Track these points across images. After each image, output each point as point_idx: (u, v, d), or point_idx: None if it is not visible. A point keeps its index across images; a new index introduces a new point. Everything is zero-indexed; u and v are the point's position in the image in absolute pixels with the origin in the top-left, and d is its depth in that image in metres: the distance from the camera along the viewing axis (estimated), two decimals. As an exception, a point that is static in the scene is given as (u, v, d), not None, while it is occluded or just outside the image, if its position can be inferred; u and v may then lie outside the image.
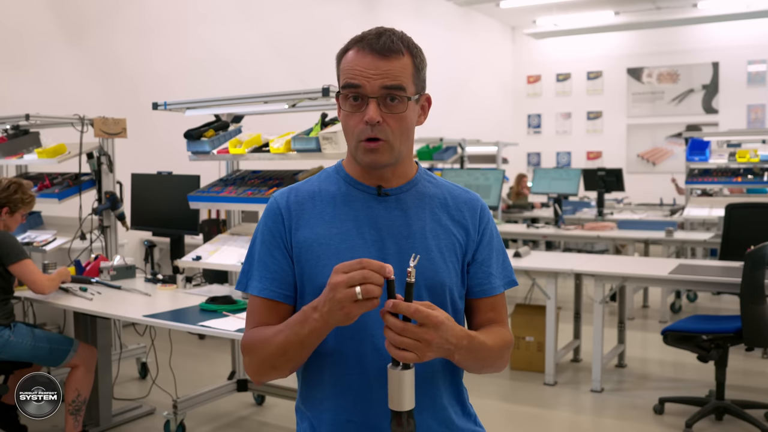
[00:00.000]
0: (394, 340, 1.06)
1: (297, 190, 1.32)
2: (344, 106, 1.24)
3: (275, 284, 1.26)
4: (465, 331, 1.15)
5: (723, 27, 11.59)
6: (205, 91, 5.89)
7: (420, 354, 1.06)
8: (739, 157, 6.28)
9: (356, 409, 1.24)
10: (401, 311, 1.05)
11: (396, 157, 1.25)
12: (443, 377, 1.29)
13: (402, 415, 1.09)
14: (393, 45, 1.20)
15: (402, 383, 1.08)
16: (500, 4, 11.26)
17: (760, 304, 3.38)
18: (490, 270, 1.32)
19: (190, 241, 4.85)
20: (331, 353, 1.25)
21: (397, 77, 1.20)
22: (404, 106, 1.22)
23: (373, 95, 1.19)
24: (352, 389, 1.24)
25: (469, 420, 1.35)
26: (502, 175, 5.94)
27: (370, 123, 1.19)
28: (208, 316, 2.86)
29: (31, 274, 3.14)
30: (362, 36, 1.23)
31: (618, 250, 6.70)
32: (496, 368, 1.30)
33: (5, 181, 3.34)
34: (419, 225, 1.28)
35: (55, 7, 5.79)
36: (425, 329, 1.06)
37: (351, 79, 1.20)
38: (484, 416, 1.39)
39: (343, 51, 1.25)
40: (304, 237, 1.26)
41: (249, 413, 3.88)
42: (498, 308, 1.33)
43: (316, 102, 3.26)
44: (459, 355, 1.14)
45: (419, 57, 1.25)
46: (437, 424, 1.27)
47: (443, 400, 1.29)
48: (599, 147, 12.78)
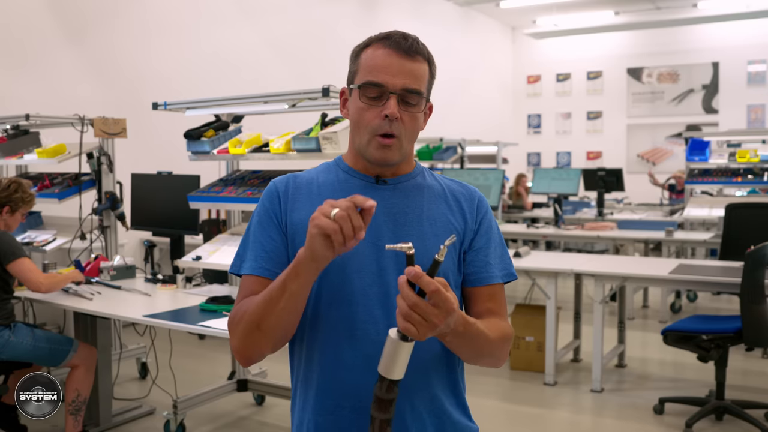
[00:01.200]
0: (402, 311, 1.03)
1: (296, 177, 1.34)
2: (360, 100, 1.25)
3: (270, 263, 1.25)
4: (464, 317, 1.13)
5: (723, 27, 11.59)
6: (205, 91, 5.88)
7: (421, 332, 1.04)
8: (739, 157, 6.28)
9: (344, 395, 1.23)
10: (422, 284, 1.02)
11: (402, 156, 1.28)
12: (438, 367, 1.28)
13: (387, 382, 1.08)
14: (418, 48, 1.25)
15: (398, 353, 1.06)
16: (500, 4, 11.25)
17: (760, 304, 3.38)
18: (488, 259, 1.31)
19: (190, 241, 4.85)
20: (321, 337, 1.24)
21: (418, 80, 1.24)
22: (420, 107, 1.26)
23: (394, 91, 1.22)
24: (340, 374, 1.23)
25: (463, 414, 1.33)
26: (502, 175, 5.94)
27: (392, 117, 1.21)
28: (208, 316, 2.87)
29: (28, 272, 3.13)
30: (388, 34, 1.26)
31: (618, 250, 6.70)
32: (493, 361, 1.29)
33: (5, 180, 3.34)
34: (416, 212, 1.29)
35: (55, 7, 5.79)
36: (437, 312, 1.03)
37: (374, 77, 1.23)
38: (484, 416, 1.39)
39: (364, 45, 1.27)
40: (299, 219, 1.26)
41: (249, 413, 3.88)
42: (497, 299, 1.32)
43: (316, 102, 3.26)
44: (451, 338, 1.13)
45: (434, 66, 1.30)
46: (427, 413, 1.26)
47: (436, 389, 1.28)
48: (599, 147, 12.78)
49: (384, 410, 1.09)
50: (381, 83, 1.22)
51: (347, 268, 1.23)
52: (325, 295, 1.24)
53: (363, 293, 1.23)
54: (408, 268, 1.02)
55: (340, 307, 1.23)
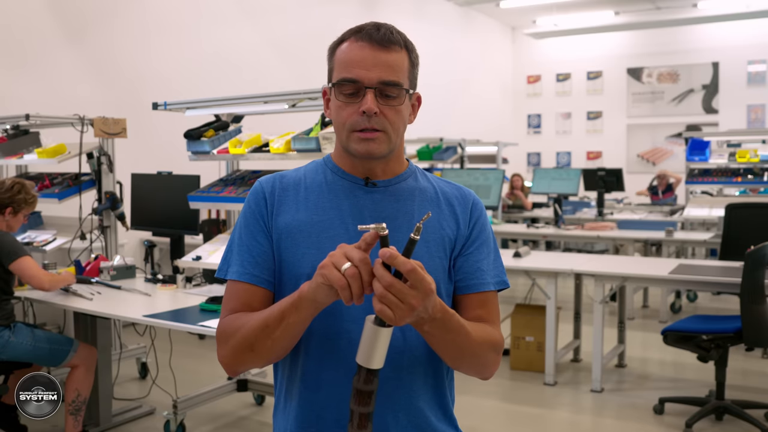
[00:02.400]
0: (377, 293, 0.98)
1: (283, 177, 1.29)
2: (337, 98, 1.20)
3: (257, 269, 1.21)
4: (442, 305, 1.07)
5: (723, 27, 11.59)
6: (205, 91, 5.88)
7: (398, 315, 0.98)
8: (739, 157, 6.28)
9: (328, 404, 1.19)
10: (397, 265, 0.96)
11: (391, 149, 1.22)
12: (424, 378, 1.23)
13: (368, 372, 1.02)
14: (392, 37, 1.19)
15: (376, 340, 1.01)
16: (500, 4, 11.25)
17: (760, 304, 3.38)
18: (480, 265, 1.25)
19: (190, 241, 4.85)
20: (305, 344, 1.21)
21: (395, 71, 1.18)
22: (401, 99, 1.19)
23: (370, 86, 1.16)
24: (323, 385, 1.20)
25: (450, 425, 1.28)
26: (502, 175, 5.94)
27: (368, 113, 1.16)
28: (208, 316, 2.87)
29: (30, 270, 3.14)
30: (360, 27, 1.20)
31: (618, 250, 6.70)
32: (479, 366, 1.22)
33: (9, 181, 3.34)
34: (406, 218, 1.23)
35: (55, 7, 5.79)
36: (414, 293, 0.98)
37: (348, 73, 1.17)
38: (484, 416, 1.39)
39: (338, 42, 1.22)
40: (285, 222, 1.23)
41: (249, 413, 3.88)
42: (488, 306, 1.25)
43: (316, 102, 3.26)
44: (429, 327, 1.07)
45: (414, 53, 1.23)
46: (411, 426, 1.21)
47: (419, 402, 1.22)
48: (599, 147, 12.78)
49: (363, 403, 1.03)
50: (356, 79, 1.17)
51: None
52: None
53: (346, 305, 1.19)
54: (382, 250, 0.98)
55: (322, 319, 1.16)
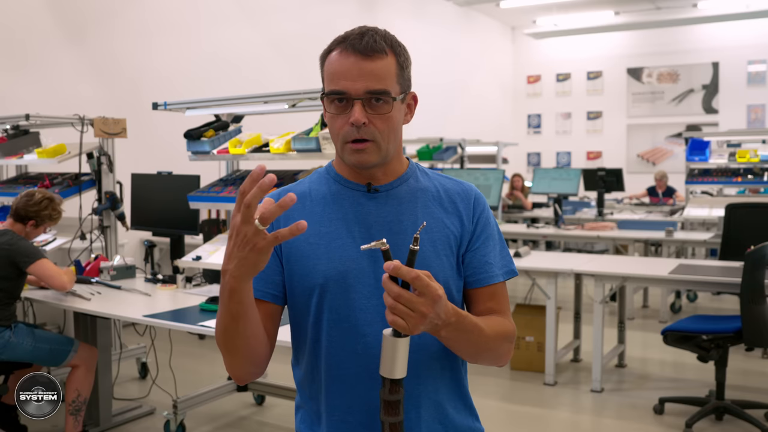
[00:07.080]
0: (388, 305, 1.03)
1: (288, 192, 1.31)
2: (329, 109, 1.22)
3: (261, 283, 1.24)
4: (455, 309, 1.10)
5: (723, 27, 11.59)
6: (206, 91, 5.89)
7: (410, 324, 1.03)
8: (739, 157, 6.28)
9: (351, 410, 1.22)
10: (401, 275, 1.01)
11: (384, 157, 1.23)
12: (440, 372, 1.27)
13: (392, 383, 1.06)
14: (376, 45, 1.18)
15: (395, 351, 1.05)
16: (500, 4, 11.25)
17: (760, 304, 3.38)
18: (487, 258, 1.28)
19: (190, 241, 4.85)
20: (324, 354, 1.24)
21: (382, 80, 1.18)
22: (389, 106, 1.20)
23: (357, 97, 1.18)
24: (344, 389, 1.23)
25: (470, 415, 1.32)
26: (502, 175, 5.94)
27: (356, 124, 1.17)
28: (208, 316, 2.87)
29: (49, 270, 3.13)
30: (345, 36, 1.20)
31: (618, 250, 6.70)
32: (494, 358, 1.26)
33: (39, 194, 3.31)
34: (411, 220, 1.26)
35: (55, 7, 5.79)
36: (423, 301, 1.02)
37: (335, 85, 1.19)
38: (484, 416, 1.38)
39: (327, 52, 1.23)
40: (294, 238, 1.24)
41: (249, 413, 3.88)
42: (498, 298, 1.29)
43: (316, 102, 3.26)
44: (446, 332, 1.10)
45: (403, 56, 1.23)
46: (432, 419, 1.25)
47: (439, 396, 1.26)
48: (599, 147, 12.78)
49: (392, 413, 1.07)
50: (343, 90, 1.18)
51: (346, 283, 1.22)
52: (326, 311, 1.23)
53: (362, 308, 1.21)
54: (386, 263, 1.01)
55: (341, 323, 1.21)
